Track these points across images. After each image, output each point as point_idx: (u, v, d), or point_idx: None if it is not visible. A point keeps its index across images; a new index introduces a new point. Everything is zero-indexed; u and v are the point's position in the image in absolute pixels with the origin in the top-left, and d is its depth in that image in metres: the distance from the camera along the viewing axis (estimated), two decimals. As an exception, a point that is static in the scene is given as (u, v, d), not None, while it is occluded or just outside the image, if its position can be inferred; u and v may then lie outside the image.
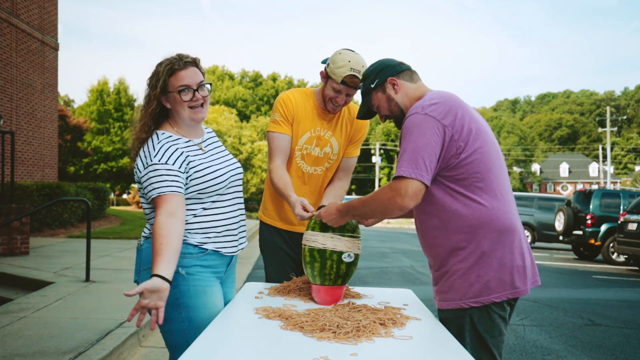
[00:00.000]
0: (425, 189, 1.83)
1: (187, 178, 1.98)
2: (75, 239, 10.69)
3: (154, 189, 1.91)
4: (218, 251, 2.05)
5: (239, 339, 1.63)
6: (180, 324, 1.94)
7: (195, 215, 2.02)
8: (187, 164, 1.98)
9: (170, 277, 1.74)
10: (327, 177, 2.73)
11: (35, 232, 11.15)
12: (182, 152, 2.00)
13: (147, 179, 1.93)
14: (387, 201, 1.84)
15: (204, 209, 2.04)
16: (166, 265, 1.74)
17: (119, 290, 5.58)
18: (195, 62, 2.08)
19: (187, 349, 1.90)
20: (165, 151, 1.96)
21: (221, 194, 2.08)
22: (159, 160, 1.93)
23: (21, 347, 3.62)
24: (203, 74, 2.11)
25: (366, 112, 2.17)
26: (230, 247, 2.11)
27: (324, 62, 2.62)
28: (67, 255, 8.33)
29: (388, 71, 2.05)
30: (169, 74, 2.01)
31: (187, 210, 1.99)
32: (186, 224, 1.99)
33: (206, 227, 2.03)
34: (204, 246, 2.00)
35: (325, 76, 2.54)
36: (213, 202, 2.06)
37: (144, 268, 1.98)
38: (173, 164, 1.94)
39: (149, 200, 1.95)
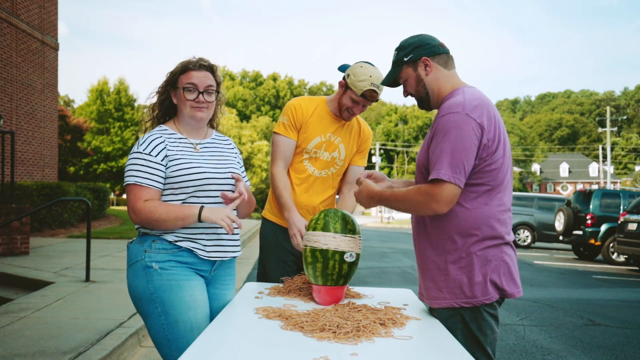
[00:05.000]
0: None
1: (166, 169, 2.01)
2: (75, 239, 10.69)
3: (131, 176, 1.97)
4: (192, 251, 2.02)
5: (239, 339, 1.63)
6: (158, 318, 1.96)
7: None
8: (167, 156, 2.01)
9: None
10: (332, 181, 2.80)
11: (35, 232, 11.14)
12: (166, 144, 2.03)
13: (128, 165, 2.00)
14: (421, 204, 1.84)
15: None
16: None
17: (119, 290, 5.58)
18: (211, 68, 2.12)
19: (168, 343, 1.94)
20: (151, 142, 2.01)
21: (197, 197, 2.03)
22: (144, 150, 1.99)
23: (21, 347, 3.62)
24: (218, 82, 2.14)
25: (392, 81, 2.10)
26: (209, 251, 2.05)
27: (341, 69, 2.69)
28: (67, 255, 8.32)
29: (424, 49, 1.96)
30: (182, 71, 2.09)
31: None
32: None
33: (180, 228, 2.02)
34: (178, 244, 2.01)
35: (344, 86, 2.63)
36: (184, 202, 2.02)
37: (130, 264, 2.04)
38: (156, 156, 1.99)
39: (124, 185, 2.00)
